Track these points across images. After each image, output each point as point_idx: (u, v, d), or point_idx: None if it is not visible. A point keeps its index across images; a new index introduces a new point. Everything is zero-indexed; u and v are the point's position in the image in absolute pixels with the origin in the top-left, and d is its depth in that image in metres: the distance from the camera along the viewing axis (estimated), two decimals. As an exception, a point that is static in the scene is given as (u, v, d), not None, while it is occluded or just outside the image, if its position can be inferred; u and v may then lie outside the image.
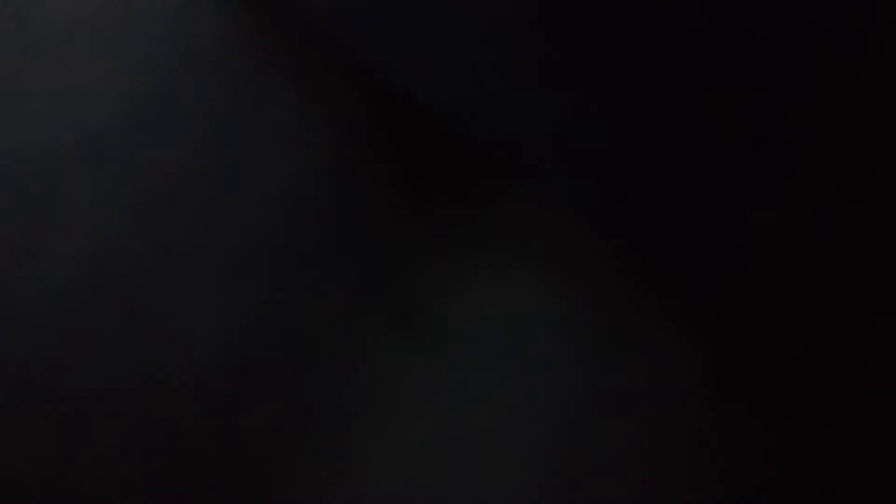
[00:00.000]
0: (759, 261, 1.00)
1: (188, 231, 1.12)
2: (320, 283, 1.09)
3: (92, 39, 1.22)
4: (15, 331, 1.05)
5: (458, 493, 1.00)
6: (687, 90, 0.94)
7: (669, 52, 0.93)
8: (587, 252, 1.10)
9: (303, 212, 1.13)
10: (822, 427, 1.01)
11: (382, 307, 1.08)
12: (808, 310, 1.00)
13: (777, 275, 1.00)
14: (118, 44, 1.22)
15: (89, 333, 1.05)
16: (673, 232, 1.02)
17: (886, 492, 0.98)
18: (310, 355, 1.05)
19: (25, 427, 1.01)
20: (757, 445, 1.01)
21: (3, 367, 1.03)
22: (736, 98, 0.93)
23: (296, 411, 1.03)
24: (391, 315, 1.08)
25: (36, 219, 1.11)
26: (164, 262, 1.10)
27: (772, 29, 0.88)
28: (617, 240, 1.10)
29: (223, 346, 1.05)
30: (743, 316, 1.05)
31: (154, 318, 1.07)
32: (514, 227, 1.12)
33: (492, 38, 1.01)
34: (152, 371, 1.04)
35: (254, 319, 1.07)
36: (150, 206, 1.13)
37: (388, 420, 1.03)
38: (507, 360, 1.05)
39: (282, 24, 1.24)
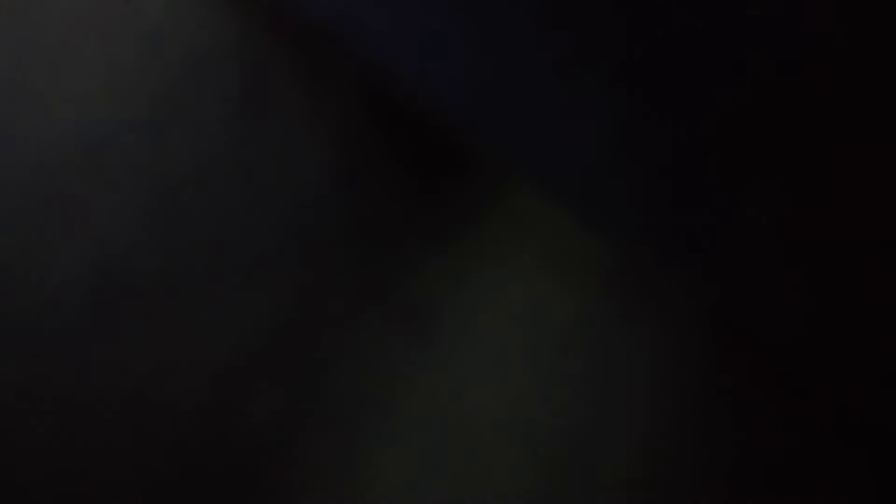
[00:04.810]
0: (759, 258, 1.00)
1: (192, 234, 1.12)
2: (323, 283, 1.09)
3: (94, 42, 1.22)
4: (19, 334, 1.06)
5: (460, 493, 1.00)
6: (689, 91, 0.94)
7: (672, 51, 0.93)
8: (588, 251, 1.10)
9: (306, 213, 1.13)
10: (828, 428, 1.01)
11: (384, 307, 1.08)
12: (811, 307, 1.00)
13: (778, 273, 1.00)
14: (121, 46, 1.22)
15: (93, 337, 1.05)
16: (675, 231, 1.02)
17: (891, 492, 0.98)
18: (309, 354, 1.05)
19: (27, 428, 1.01)
20: (759, 445, 1.00)
21: (6, 370, 1.04)
22: (736, 99, 0.93)
23: (298, 413, 1.03)
24: (393, 315, 1.08)
25: (39, 224, 1.11)
26: (168, 266, 1.10)
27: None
28: (617, 239, 1.09)
29: (226, 349, 1.05)
30: (745, 314, 1.05)
31: (158, 321, 1.07)
32: (515, 226, 1.12)
33: (492, 39, 1.01)
34: (155, 374, 1.04)
35: (257, 321, 1.07)
36: (155, 211, 1.13)
37: (387, 418, 1.03)
38: (509, 359, 1.05)
39: (286, 25, 1.23)
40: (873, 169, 0.90)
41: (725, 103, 0.93)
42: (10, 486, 0.99)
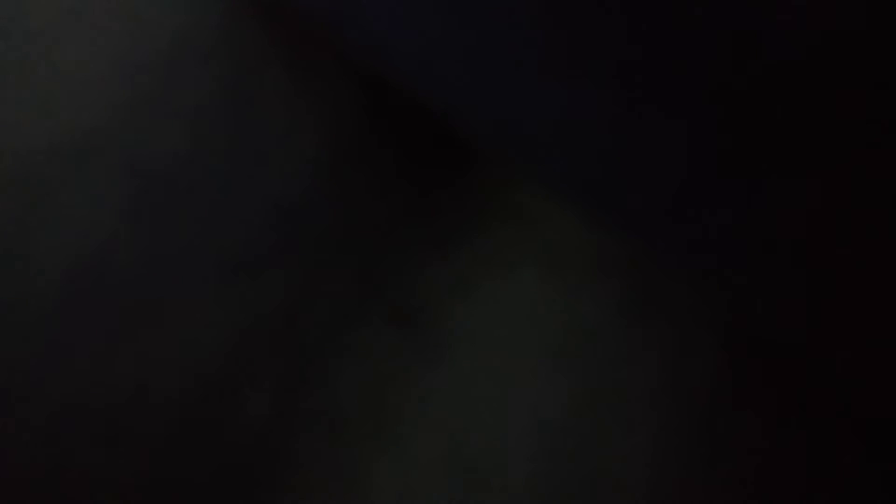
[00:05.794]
0: (763, 257, 1.00)
1: (181, 230, 1.11)
2: (318, 282, 1.09)
3: (81, 32, 1.21)
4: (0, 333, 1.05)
5: (458, 494, 0.99)
6: (691, 85, 0.94)
7: (673, 46, 0.92)
8: (591, 250, 1.10)
9: (299, 209, 1.12)
10: (837, 428, 1.01)
11: (381, 306, 1.08)
12: (816, 307, 1.00)
13: (782, 273, 1.00)
14: (108, 36, 1.20)
15: (78, 336, 1.05)
16: (675, 231, 1.02)
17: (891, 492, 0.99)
18: (307, 356, 1.05)
19: (10, 431, 1.00)
20: (763, 446, 1.01)
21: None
22: (737, 92, 0.93)
23: (293, 413, 1.02)
24: (390, 314, 1.07)
25: (22, 218, 1.10)
26: (156, 262, 1.09)
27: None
28: (622, 238, 1.09)
29: (219, 348, 1.05)
30: (750, 314, 1.05)
31: (146, 319, 1.06)
32: (515, 224, 1.12)
33: (492, 32, 1.00)
34: (145, 372, 1.03)
35: (250, 320, 1.06)
36: (142, 205, 1.12)
37: (386, 421, 1.02)
38: (508, 360, 1.05)
39: (277, 14, 1.22)
40: (885, 166, 0.90)
41: (731, 101, 0.93)
42: (3, 486, 0.98)
